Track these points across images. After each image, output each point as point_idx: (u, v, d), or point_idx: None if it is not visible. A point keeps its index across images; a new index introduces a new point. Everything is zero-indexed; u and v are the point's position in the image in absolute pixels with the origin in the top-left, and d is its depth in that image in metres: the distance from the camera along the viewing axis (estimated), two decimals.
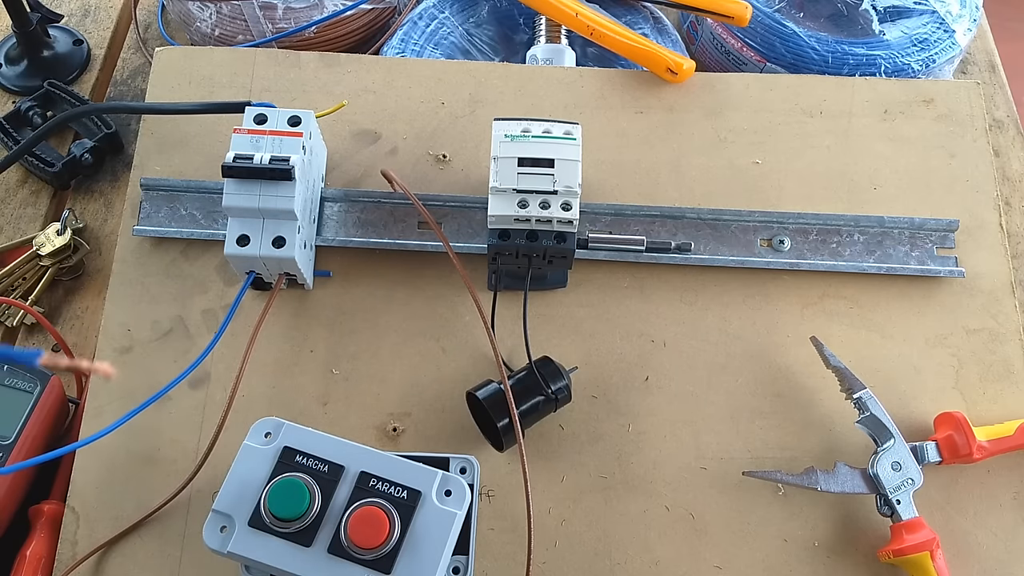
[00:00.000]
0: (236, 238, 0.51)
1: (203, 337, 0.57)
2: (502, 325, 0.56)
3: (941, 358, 0.57)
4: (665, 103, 0.64)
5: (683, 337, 0.57)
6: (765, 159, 0.62)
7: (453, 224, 0.59)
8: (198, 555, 0.51)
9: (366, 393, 0.55)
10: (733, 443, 0.55)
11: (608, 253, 0.58)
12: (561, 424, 0.55)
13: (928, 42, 0.70)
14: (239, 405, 0.54)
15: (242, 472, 0.43)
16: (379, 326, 0.57)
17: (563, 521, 0.53)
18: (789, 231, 0.59)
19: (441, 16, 0.72)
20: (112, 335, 0.57)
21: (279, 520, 0.41)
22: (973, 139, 0.63)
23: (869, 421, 0.52)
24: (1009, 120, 0.73)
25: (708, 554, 0.52)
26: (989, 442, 0.52)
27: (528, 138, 0.51)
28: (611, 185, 0.61)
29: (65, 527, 0.52)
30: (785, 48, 0.69)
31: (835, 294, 0.58)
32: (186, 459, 0.52)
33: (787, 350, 0.57)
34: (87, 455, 0.54)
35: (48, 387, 0.55)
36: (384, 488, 0.42)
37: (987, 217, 0.60)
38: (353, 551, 0.40)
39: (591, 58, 0.74)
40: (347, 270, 0.58)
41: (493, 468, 0.53)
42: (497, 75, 0.65)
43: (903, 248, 0.58)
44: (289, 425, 0.44)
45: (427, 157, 0.62)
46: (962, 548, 0.52)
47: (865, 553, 0.52)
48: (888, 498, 0.51)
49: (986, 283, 0.59)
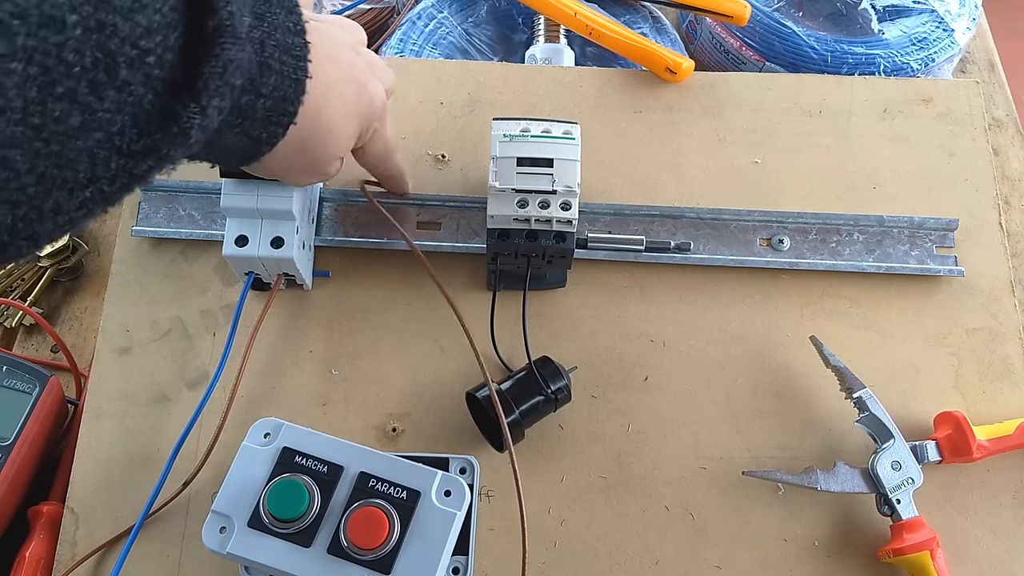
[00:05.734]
0: (234, 239, 0.51)
1: (202, 338, 0.57)
2: (501, 325, 0.56)
3: (941, 357, 0.57)
4: (664, 102, 0.64)
5: (683, 337, 0.57)
6: (764, 158, 0.62)
7: (452, 224, 0.58)
8: (197, 556, 0.51)
9: (365, 393, 0.55)
10: (733, 443, 0.55)
11: (607, 253, 0.58)
12: (561, 424, 0.55)
13: (927, 41, 0.70)
14: (238, 406, 0.54)
15: (241, 473, 0.43)
16: (378, 326, 0.57)
17: (563, 521, 0.53)
18: (788, 230, 0.59)
19: (440, 16, 0.72)
20: (111, 336, 0.57)
21: (278, 521, 0.41)
22: (972, 138, 0.63)
23: (869, 420, 0.52)
24: (1008, 119, 0.73)
25: (708, 554, 0.52)
26: (989, 441, 0.52)
27: (527, 138, 0.51)
28: (610, 185, 0.61)
29: (64, 528, 0.52)
30: (784, 47, 0.69)
31: (835, 293, 0.58)
32: (185, 460, 0.52)
33: (787, 349, 0.57)
34: (86, 456, 0.54)
35: (47, 388, 0.55)
36: (383, 488, 0.42)
37: (987, 216, 0.60)
38: (352, 551, 0.40)
39: (590, 58, 0.74)
40: (346, 270, 0.58)
41: (493, 468, 0.53)
42: (496, 75, 0.65)
43: (902, 247, 0.58)
44: (288, 426, 0.44)
45: (426, 157, 0.62)
46: (962, 547, 0.52)
47: (865, 553, 0.52)
48: (888, 497, 0.51)
49: (986, 282, 0.59)
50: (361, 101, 0.44)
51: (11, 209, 0.25)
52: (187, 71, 0.29)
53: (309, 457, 0.43)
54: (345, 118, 0.43)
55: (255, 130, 0.36)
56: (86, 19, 0.24)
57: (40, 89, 0.24)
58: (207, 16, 0.29)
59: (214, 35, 0.29)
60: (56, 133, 0.25)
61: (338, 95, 0.42)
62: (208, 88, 0.29)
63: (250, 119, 0.35)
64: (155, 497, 0.51)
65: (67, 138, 0.25)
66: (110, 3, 0.25)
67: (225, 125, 0.34)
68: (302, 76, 0.37)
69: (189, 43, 0.29)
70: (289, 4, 0.36)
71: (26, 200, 0.25)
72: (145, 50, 0.26)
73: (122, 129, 0.27)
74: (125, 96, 0.26)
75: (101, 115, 0.26)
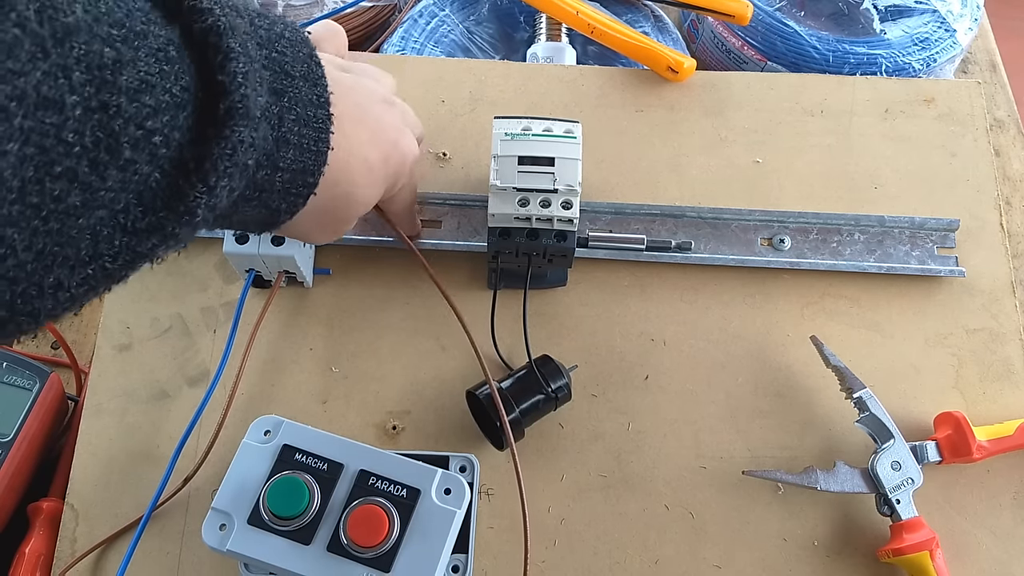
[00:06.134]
0: (235, 236, 0.51)
1: (202, 335, 0.57)
2: (502, 324, 0.56)
3: (941, 358, 0.57)
4: (666, 102, 0.64)
5: (683, 336, 0.57)
6: (766, 158, 0.62)
7: (453, 222, 0.58)
8: (197, 553, 0.51)
9: (365, 391, 0.55)
10: (733, 442, 0.54)
11: (608, 252, 0.58)
12: (561, 423, 0.55)
13: (929, 41, 0.70)
14: (238, 403, 0.54)
15: (241, 470, 0.43)
16: (379, 324, 0.57)
17: (562, 520, 0.53)
18: (789, 230, 0.59)
19: (441, 14, 0.72)
20: (111, 333, 0.57)
21: (278, 518, 0.41)
22: (974, 138, 0.63)
23: (869, 420, 0.52)
24: (1010, 119, 0.73)
25: (707, 553, 0.52)
26: (989, 442, 0.52)
27: (528, 136, 0.51)
28: (611, 184, 0.61)
29: (64, 524, 0.52)
30: (786, 47, 0.69)
31: (835, 293, 0.58)
32: (185, 457, 0.52)
33: (787, 349, 0.57)
34: (86, 453, 0.54)
35: (47, 384, 0.55)
36: (383, 486, 0.42)
37: (988, 217, 0.60)
38: (352, 549, 0.40)
39: (592, 56, 0.74)
40: (347, 268, 0.58)
41: (493, 467, 0.53)
42: (497, 73, 0.65)
43: (903, 247, 0.58)
44: (288, 423, 0.44)
45: (427, 155, 0.62)
46: (962, 548, 0.52)
47: (864, 552, 0.52)
48: (888, 497, 0.51)
49: (986, 283, 0.59)
50: (391, 162, 0.43)
51: (9, 285, 0.24)
52: (196, 151, 0.28)
53: (309, 455, 0.43)
54: (370, 183, 0.42)
55: (274, 202, 0.36)
56: (87, 100, 0.24)
57: (37, 169, 0.23)
58: (220, 98, 0.28)
59: (225, 117, 0.28)
60: (55, 212, 0.24)
61: (362, 161, 0.40)
62: (217, 169, 0.29)
63: (267, 192, 0.35)
64: (159, 494, 0.51)
65: (67, 216, 0.25)
66: (115, 84, 0.25)
67: (241, 200, 0.33)
68: (324, 148, 0.36)
69: (199, 123, 0.28)
70: (314, 76, 0.35)
71: (25, 276, 0.25)
72: (151, 130, 0.26)
73: (127, 207, 0.27)
74: (129, 175, 0.26)
75: (104, 194, 0.25)
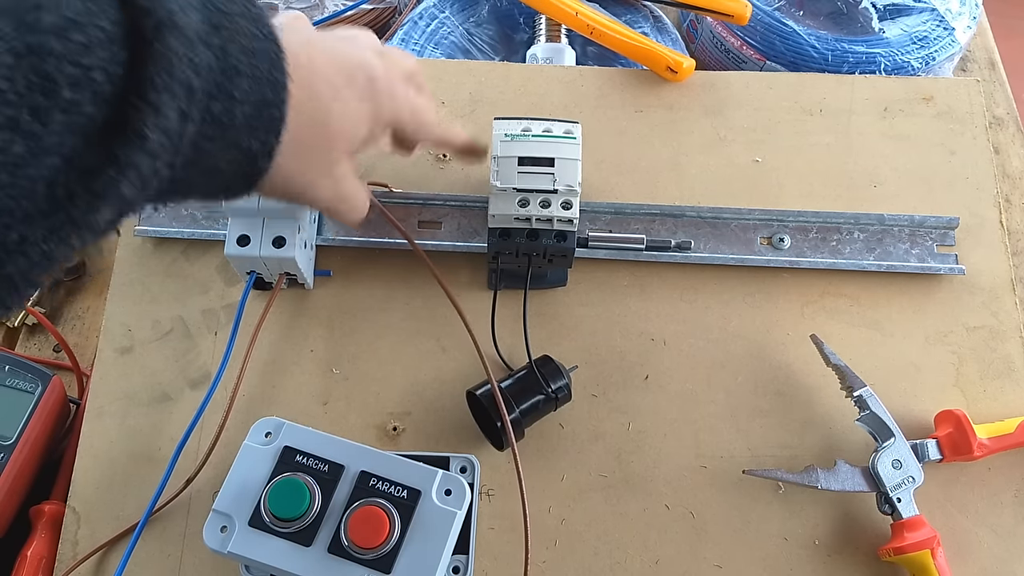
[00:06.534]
0: (236, 238, 0.51)
1: (204, 337, 0.57)
2: (502, 324, 0.56)
3: (941, 355, 0.57)
4: (665, 102, 0.64)
5: (683, 335, 0.57)
6: (765, 157, 0.62)
7: (453, 223, 0.59)
8: (199, 555, 0.51)
9: (366, 392, 0.55)
10: (733, 441, 0.55)
11: (608, 252, 0.58)
12: (561, 423, 0.55)
13: (928, 40, 0.70)
14: (239, 405, 0.54)
15: (242, 472, 0.43)
16: (379, 325, 0.57)
17: (563, 520, 0.53)
18: (789, 229, 0.59)
19: (441, 16, 0.72)
20: (113, 335, 0.57)
21: (279, 520, 0.41)
22: (973, 136, 0.63)
23: (869, 419, 0.52)
24: (1009, 117, 0.73)
25: (708, 553, 0.52)
26: (990, 440, 0.52)
27: (528, 137, 0.51)
28: (611, 184, 0.61)
29: (66, 527, 0.52)
30: (785, 46, 0.69)
31: (835, 292, 0.58)
32: (186, 459, 0.52)
33: (787, 348, 0.57)
34: (88, 455, 0.54)
35: (49, 387, 0.55)
36: (384, 487, 0.42)
37: (987, 214, 0.60)
38: (353, 551, 0.40)
39: (591, 57, 0.74)
40: (347, 269, 0.59)
41: (493, 467, 0.53)
42: (497, 74, 0.65)
43: (903, 246, 0.58)
44: (289, 425, 0.44)
45: (427, 156, 0.62)
46: (963, 546, 0.52)
47: (865, 551, 0.52)
48: (888, 496, 0.51)
49: (986, 280, 0.59)
50: (357, 81, 0.41)
51: None
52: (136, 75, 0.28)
53: (310, 456, 0.43)
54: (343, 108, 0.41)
55: (243, 141, 0.35)
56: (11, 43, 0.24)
57: None
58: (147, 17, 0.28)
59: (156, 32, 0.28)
60: (3, 164, 0.24)
61: (328, 86, 0.40)
62: (156, 84, 0.28)
63: (231, 128, 0.34)
64: (158, 496, 0.51)
65: (16, 168, 0.25)
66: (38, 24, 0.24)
67: (202, 137, 0.32)
68: (280, 77, 0.35)
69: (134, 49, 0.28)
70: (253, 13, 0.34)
71: None
72: (88, 67, 0.26)
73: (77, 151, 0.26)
74: (74, 117, 0.26)
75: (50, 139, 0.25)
